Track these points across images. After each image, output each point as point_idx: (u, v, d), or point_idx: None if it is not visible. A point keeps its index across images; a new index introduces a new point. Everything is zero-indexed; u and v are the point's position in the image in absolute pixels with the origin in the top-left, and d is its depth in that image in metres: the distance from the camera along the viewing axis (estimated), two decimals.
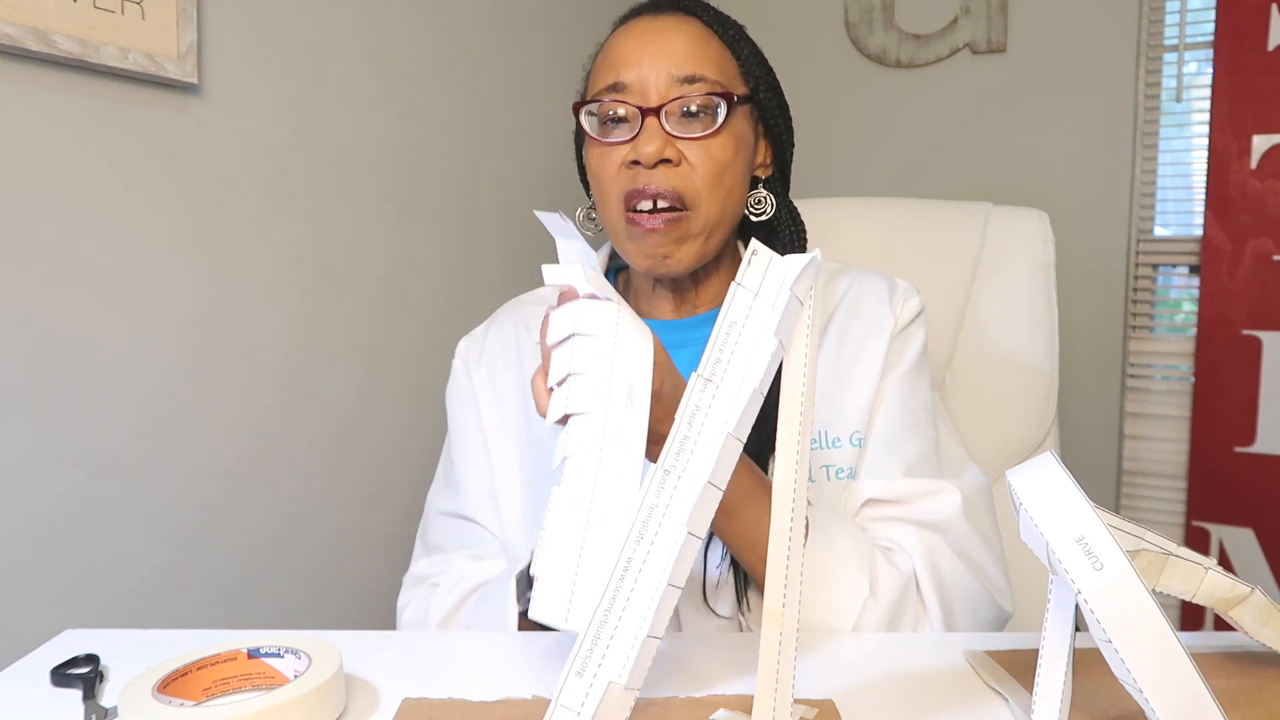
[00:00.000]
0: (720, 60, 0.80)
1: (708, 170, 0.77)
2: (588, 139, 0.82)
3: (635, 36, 0.80)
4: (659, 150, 0.75)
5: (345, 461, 1.35)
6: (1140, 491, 2.04)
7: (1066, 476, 0.45)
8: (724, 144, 0.78)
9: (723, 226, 0.81)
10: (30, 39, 0.89)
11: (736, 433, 0.47)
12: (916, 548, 0.75)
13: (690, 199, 0.77)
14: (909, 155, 2.18)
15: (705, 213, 0.78)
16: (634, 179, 0.77)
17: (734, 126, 0.79)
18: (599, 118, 0.80)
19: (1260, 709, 0.53)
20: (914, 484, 0.79)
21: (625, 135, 0.78)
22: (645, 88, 0.77)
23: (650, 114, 0.76)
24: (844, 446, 0.81)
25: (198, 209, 1.11)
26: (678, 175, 0.77)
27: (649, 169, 0.76)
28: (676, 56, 0.77)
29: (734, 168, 0.79)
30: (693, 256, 0.80)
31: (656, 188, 0.76)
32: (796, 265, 0.48)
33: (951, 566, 0.76)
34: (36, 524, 0.96)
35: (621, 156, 0.78)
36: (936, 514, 0.77)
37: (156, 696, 0.50)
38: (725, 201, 0.79)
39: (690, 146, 0.77)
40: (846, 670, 0.61)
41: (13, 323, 0.93)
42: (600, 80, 0.80)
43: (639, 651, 0.44)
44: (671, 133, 0.76)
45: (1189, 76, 1.98)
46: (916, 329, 0.86)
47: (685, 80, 0.77)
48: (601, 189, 0.81)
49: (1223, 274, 1.89)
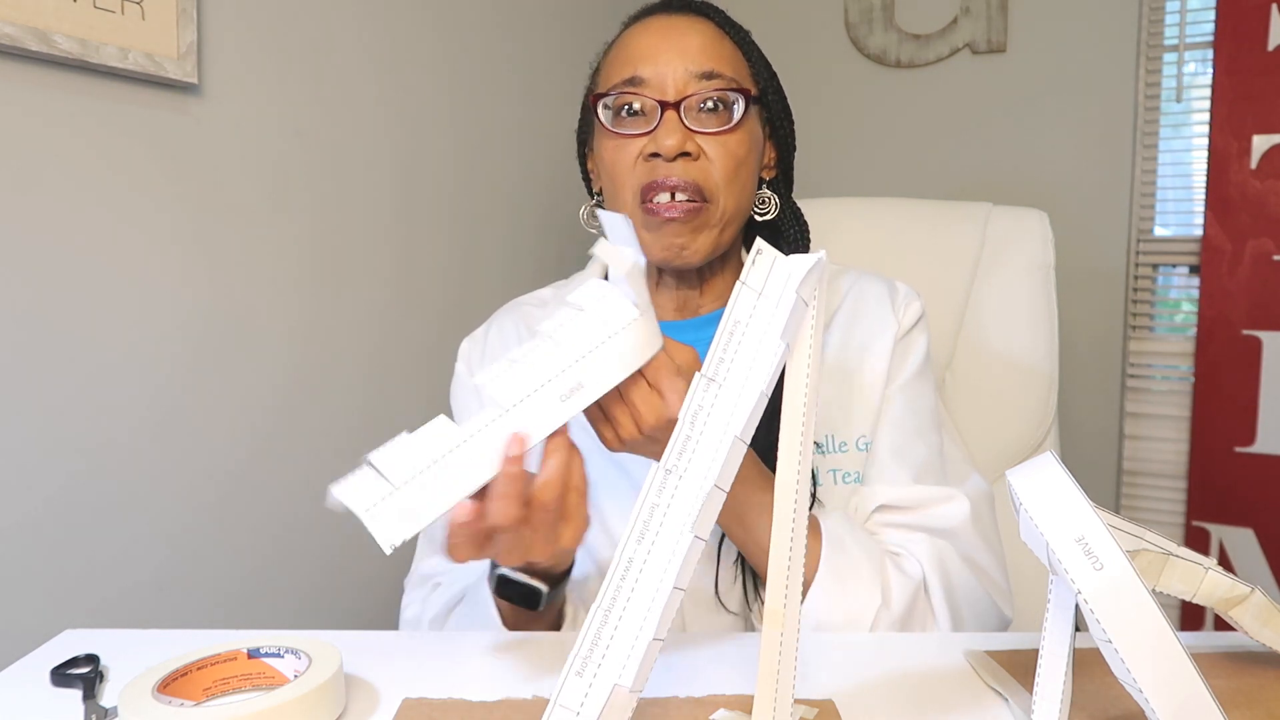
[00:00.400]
0: (734, 60, 0.81)
1: (725, 164, 0.78)
2: (601, 131, 0.82)
3: (652, 33, 0.80)
4: (679, 143, 0.76)
5: (346, 462, 1.34)
6: (1140, 491, 2.04)
7: (1066, 476, 0.45)
8: (740, 140, 0.79)
9: (737, 220, 0.81)
10: (30, 39, 0.89)
11: (741, 434, 0.47)
12: (926, 554, 0.75)
13: (709, 191, 0.78)
14: (909, 155, 2.18)
15: (723, 205, 0.79)
16: (652, 171, 0.77)
17: (748, 124, 0.80)
18: (614, 110, 0.80)
19: (1260, 709, 0.53)
20: (924, 491, 0.79)
21: (642, 129, 0.78)
22: (663, 82, 0.78)
23: (670, 108, 0.77)
24: (850, 451, 0.81)
25: (197, 209, 1.11)
26: (696, 168, 0.77)
27: (668, 162, 0.77)
28: (693, 53, 0.78)
29: (748, 164, 0.80)
30: (708, 247, 0.80)
31: (676, 180, 0.77)
32: (802, 266, 0.48)
33: (960, 573, 0.76)
34: (37, 524, 0.96)
35: (638, 149, 0.78)
36: (947, 521, 0.78)
37: (156, 696, 0.50)
38: (740, 195, 0.80)
39: (708, 141, 0.78)
40: (846, 670, 0.61)
41: (12, 322, 0.93)
42: (616, 74, 0.80)
43: (642, 653, 0.44)
44: (690, 127, 0.77)
45: (1189, 76, 1.98)
46: (918, 334, 0.86)
47: (703, 76, 0.77)
48: (615, 181, 0.80)
49: (1223, 274, 1.89)
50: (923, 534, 0.77)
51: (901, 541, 0.77)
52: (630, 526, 0.46)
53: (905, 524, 0.78)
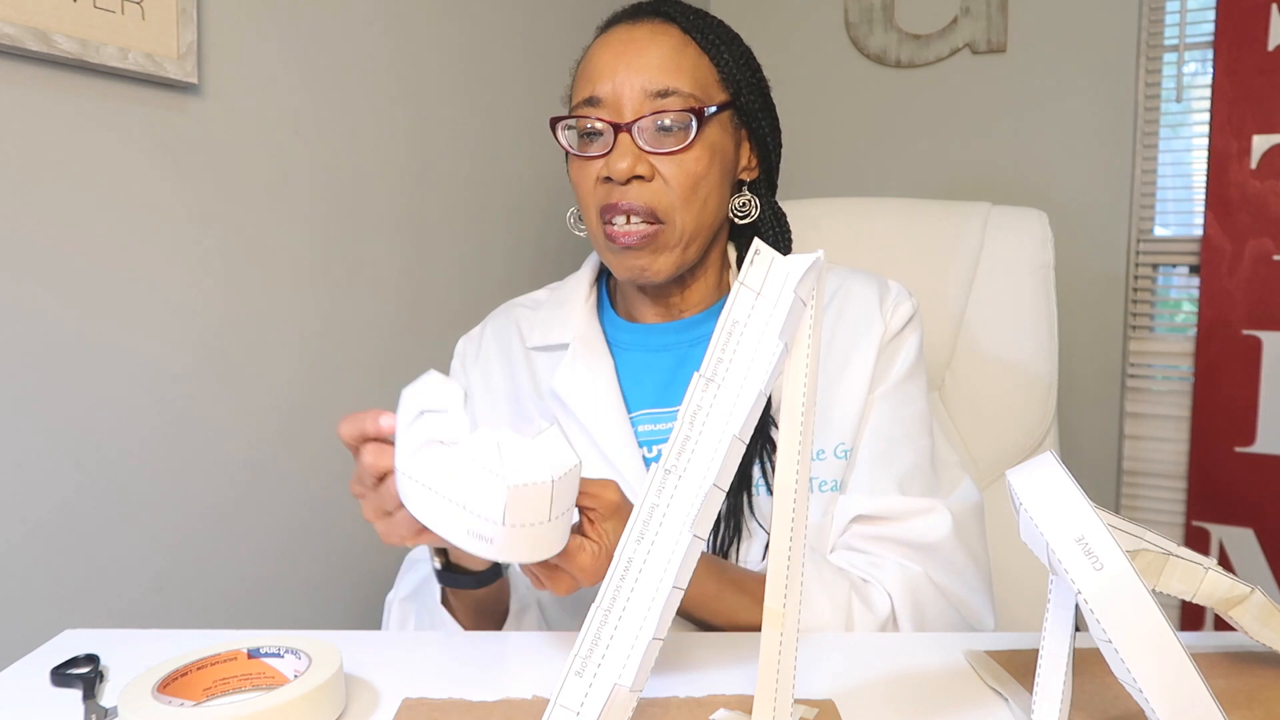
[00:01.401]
0: (696, 70, 0.79)
1: (681, 184, 0.77)
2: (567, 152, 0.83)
3: (610, 49, 0.80)
4: (630, 167, 0.76)
5: (346, 461, 1.34)
6: (1140, 491, 2.04)
7: (1066, 476, 0.45)
8: (697, 157, 0.78)
9: (700, 236, 0.81)
10: (30, 39, 0.89)
11: (740, 433, 0.47)
12: (898, 583, 0.74)
13: (663, 212, 0.78)
14: (909, 155, 2.18)
15: (680, 225, 0.79)
16: (608, 194, 0.78)
17: (708, 138, 0.79)
18: (577, 131, 0.80)
19: (1260, 709, 0.53)
20: (904, 502, 0.77)
21: (600, 150, 0.78)
22: (619, 102, 0.78)
23: (623, 130, 0.77)
24: (828, 459, 0.79)
25: (198, 209, 1.11)
26: (649, 190, 0.77)
27: (622, 185, 0.77)
28: (650, 70, 0.77)
29: (709, 179, 0.79)
30: (671, 266, 0.80)
31: (629, 204, 0.77)
32: (800, 265, 0.48)
33: (933, 602, 0.74)
34: (37, 525, 0.96)
35: (597, 171, 0.79)
36: (925, 536, 0.76)
37: (156, 696, 0.50)
38: (701, 212, 0.79)
39: (663, 161, 0.77)
40: (846, 670, 0.61)
41: (13, 323, 0.93)
42: (577, 93, 0.81)
43: (642, 653, 0.44)
44: (644, 148, 0.77)
45: (1189, 76, 1.98)
46: (909, 334, 0.85)
47: (658, 94, 0.77)
48: (581, 201, 0.82)
49: (1223, 274, 1.89)
50: (898, 552, 0.76)
51: (873, 565, 0.75)
52: (630, 526, 0.46)
53: (881, 536, 0.76)
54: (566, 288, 0.93)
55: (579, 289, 0.91)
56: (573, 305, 0.90)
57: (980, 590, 0.79)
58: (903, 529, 0.76)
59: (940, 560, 0.76)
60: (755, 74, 0.84)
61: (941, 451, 0.84)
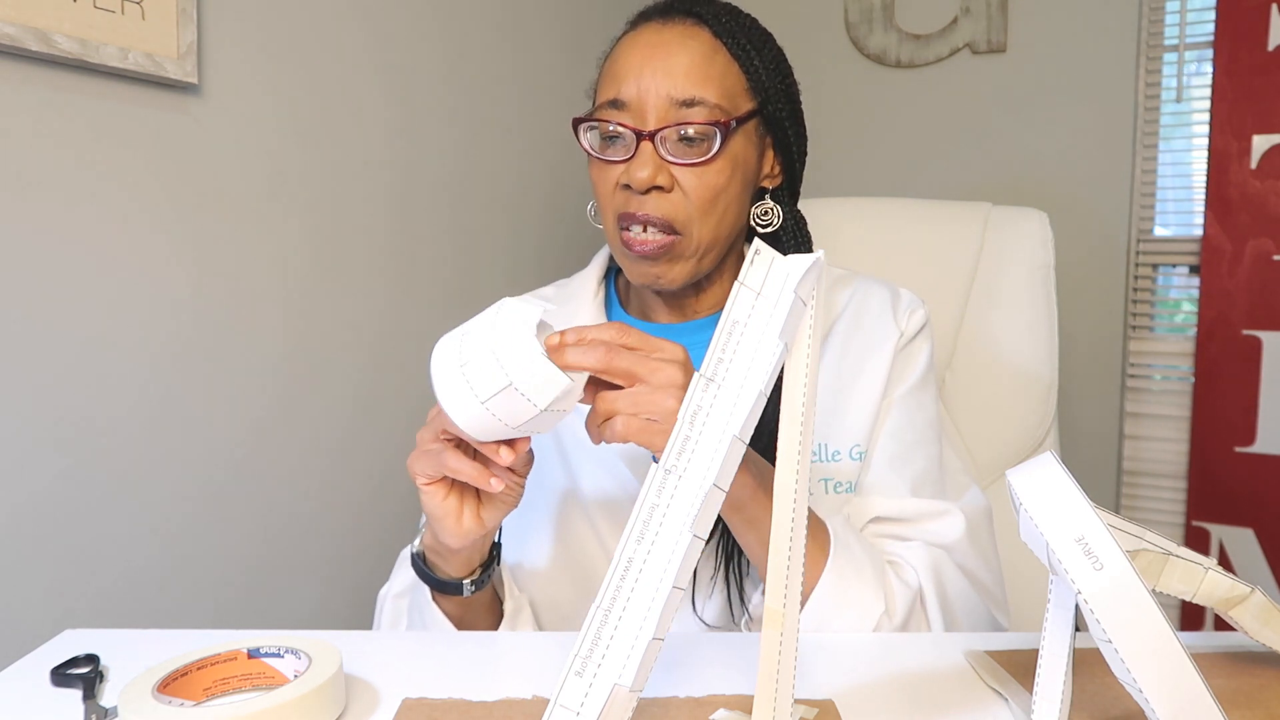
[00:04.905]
0: (724, 78, 0.78)
1: (700, 196, 0.76)
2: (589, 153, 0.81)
3: (638, 49, 0.78)
4: (650, 177, 0.75)
5: (346, 460, 1.35)
6: (1140, 491, 2.04)
7: (1066, 476, 0.45)
8: (719, 169, 0.77)
9: (717, 247, 0.80)
10: (30, 39, 0.89)
11: (740, 434, 0.47)
12: (923, 562, 0.75)
13: (681, 224, 0.77)
14: (909, 155, 2.18)
15: (697, 237, 0.78)
16: (626, 202, 0.77)
17: (732, 150, 0.77)
18: (599, 133, 0.79)
19: (1260, 709, 0.53)
20: (920, 504, 0.78)
21: (622, 155, 0.77)
22: (643, 108, 0.76)
23: (645, 138, 0.75)
24: (844, 460, 0.80)
25: (197, 209, 1.11)
26: (668, 202, 0.76)
27: (640, 194, 0.76)
28: (677, 76, 0.76)
29: (729, 191, 0.78)
30: (685, 275, 0.80)
31: (646, 214, 0.76)
32: (800, 266, 0.48)
33: (955, 581, 0.76)
34: (35, 524, 0.96)
35: (617, 176, 0.77)
36: (941, 537, 0.77)
37: (156, 696, 0.50)
38: (719, 224, 0.79)
39: (684, 172, 0.76)
40: (846, 670, 0.61)
41: (11, 322, 0.93)
42: (602, 93, 0.80)
43: (642, 653, 0.44)
44: (666, 158, 0.76)
45: (1189, 76, 1.98)
46: (922, 342, 0.85)
47: (684, 104, 0.75)
48: (600, 203, 0.81)
49: (1223, 274, 1.89)
50: (918, 542, 0.77)
51: (898, 550, 0.77)
52: (630, 526, 0.46)
53: (901, 536, 0.78)
54: (573, 284, 0.92)
55: (586, 285, 0.90)
56: (580, 302, 0.89)
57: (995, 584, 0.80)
58: (919, 530, 0.78)
59: (957, 556, 0.78)
60: (785, 79, 0.83)
61: (948, 459, 0.85)
